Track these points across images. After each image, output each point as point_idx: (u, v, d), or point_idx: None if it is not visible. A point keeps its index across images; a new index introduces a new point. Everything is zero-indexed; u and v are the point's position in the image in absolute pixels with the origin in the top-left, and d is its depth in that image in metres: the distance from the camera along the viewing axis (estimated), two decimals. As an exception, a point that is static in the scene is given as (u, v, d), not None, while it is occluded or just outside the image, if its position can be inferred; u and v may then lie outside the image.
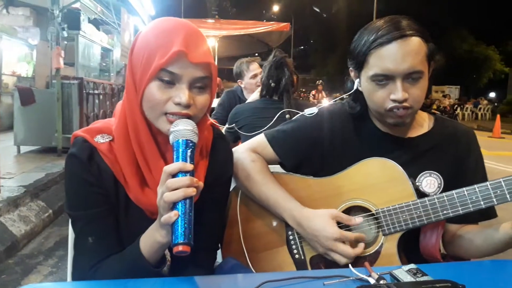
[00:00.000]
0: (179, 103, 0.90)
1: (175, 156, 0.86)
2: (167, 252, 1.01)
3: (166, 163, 0.97)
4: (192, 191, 0.82)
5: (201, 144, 1.04)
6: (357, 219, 1.13)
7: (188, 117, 0.92)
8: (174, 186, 0.81)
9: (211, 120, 1.09)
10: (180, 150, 0.86)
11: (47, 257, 3.12)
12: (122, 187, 0.98)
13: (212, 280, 0.97)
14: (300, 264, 1.20)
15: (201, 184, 0.85)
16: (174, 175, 0.83)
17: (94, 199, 0.97)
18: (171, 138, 0.89)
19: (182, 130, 0.88)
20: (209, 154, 1.08)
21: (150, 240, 0.92)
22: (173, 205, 0.82)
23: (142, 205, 0.97)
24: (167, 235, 0.86)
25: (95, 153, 0.97)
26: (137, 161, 0.96)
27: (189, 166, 0.84)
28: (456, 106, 21.36)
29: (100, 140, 0.98)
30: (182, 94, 0.90)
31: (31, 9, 7.44)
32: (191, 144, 0.88)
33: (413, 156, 1.21)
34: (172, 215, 0.81)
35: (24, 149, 5.94)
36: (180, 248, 0.79)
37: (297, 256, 1.20)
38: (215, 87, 0.99)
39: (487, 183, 1.03)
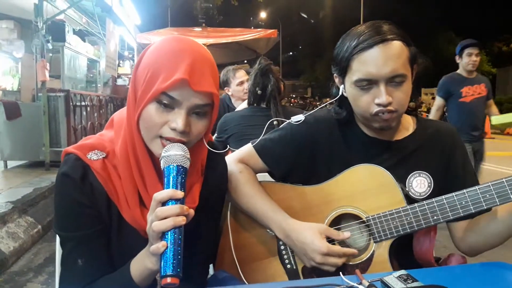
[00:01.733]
0: (175, 129, 0.89)
1: (165, 182, 0.84)
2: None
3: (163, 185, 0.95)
4: (181, 220, 0.80)
5: (197, 164, 1.02)
6: (346, 234, 1.13)
7: (182, 143, 0.90)
8: (164, 215, 0.80)
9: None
10: (171, 176, 0.84)
11: (37, 273, 3.06)
12: (115, 206, 0.95)
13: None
14: (292, 274, 1.19)
15: (191, 212, 0.83)
16: (164, 203, 0.82)
17: (85, 221, 0.93)
18: (162, 163, 0.86)
19: (173, 155, 0.86)
20: (205, 169, 1.06)
21: (141, 266, 0.89)
22: (162, 234, 0.80)
23: (137, 225, 0.95)
24: (157, 262, 0.83)
25: (88, 172, 0.94)
26: (134, 179, 0.93)
27: (179, 194, 0.82)
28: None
29: (93, 157, 0.95)
30: (179, 119, 0.88)
31: (14, 21, 7.36)
32: (182, 170, 0.85)
33: (401, 158, 1.21)
34: (160, 246, 0.79)
35: (11, 164, 5.85)
36: (169, 280, 0.77)
37: (288, 266, 1.19)
38: (216, 114, 0.97)
39: (476, 187, 1.03)
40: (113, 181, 0.94)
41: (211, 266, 1.26)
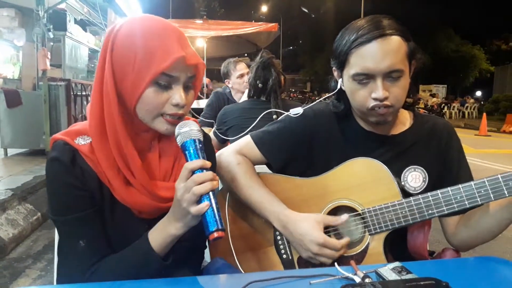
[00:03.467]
0: (177, 104, 0.94)
1: (188, 155, 0.91)
2: None
3: (146, 162, 1.00)
4: (216, 183, 0.90)
5: None
6: (343, 217, 1.14)
7: (182, 115, 0.96)
8: (201, 180, 0.87)
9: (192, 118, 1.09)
10: (191, 149, 0.91)
11: (35, 260, 3.09)
12: (107, 188, 0.97)
13: (200, 280, 0.97)
14: (287, 264, 1.20)
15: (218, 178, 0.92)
16: (193, 172, 0.89)
17: (80, 202, 0.95)
18: (179, 139, 0.93)
19: (189, 131, 0.93)
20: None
21: (163, 234, 0.94)
22: (199, 197, 0.88)
23: (129, 204, 0.97)
24: (183, 227, 0.92)
25: (77, 156, 0.96)
26: (117, 162, 0.96)
27: (208, 163, 0.90)
28: (443, 105, 21.58)
29: (81, 142, 0.97)
30: (179, 96, 0.94)
31: (16, 10, 7.32)
32: (199, 142, 0.93)
33: (397, 153, 1.22)
34: (204, 206, 0.86)
35: (11, 151, 5.86)
36: (216, 234, 0.85)
37: (284, 256, 1.21)
38: (200, 84, 1.02)
39: (472, 182, 1.04)
40: (101, 163, 0.96)
41: (207, 253, 1.28)
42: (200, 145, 0.93)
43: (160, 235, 0.94)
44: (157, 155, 1.03)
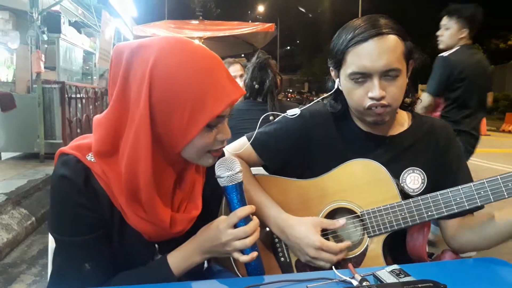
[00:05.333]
0: (224, 140, 0.93)
1: (232, 201, 0.95)
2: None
3: (161, 193, 0.92)
4: (259, 231, 0.95)
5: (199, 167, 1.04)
6: (341, 221, 1.13)
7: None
8: (252, 231, 0.93)
9: None
10: (237, 194, 0.95)
11: (30, 265, 3.06)
12: (117, 211, 0.91)
13: (197, 285, 0.96)
14: (285, 267, 1.19)
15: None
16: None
17: (90, 224, 0.89)
18: (224, 181, 0.94)
19: (235, 175, 0.94)
20: (206, 169, 1.06)
21: (187, 262, 0.95)
22: None
23: (140, 230, 0.92)
24: (209, 257, 0.96)
25: (90, 175, 0.88)
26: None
27: (254, 209, 0.96)
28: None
29: (93, 159, 0.89)
30: (225, 132, 0.92)
31: (10, 12, 7.27)
32: (239, 186, 0.96)
33: (395, 154, 1.21)
34: (255, 256, 0.93)
35: (5, 155, 5.82)
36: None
37: (282, 259, 1.20)
38: None
39: (471, 184, 1.04)
40: (113, 187, 0.89)
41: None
42: (242, 189, 0.96)
43: (184, 262, 0.94)
44: (177, 184, 0.97)
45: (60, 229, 0.90)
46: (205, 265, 1.24)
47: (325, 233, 1.14)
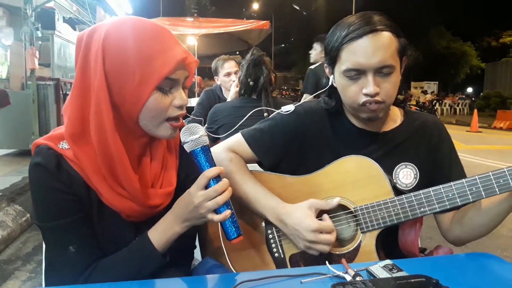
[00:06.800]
0: (181, 106, 0.94)
1: (200, 163, 0.95)
2: None
3: (139, 169, 0.98)
4: (231, 190, 0.94)
5: (170, 144, 1.06)
6: (334, 200, 1.13)
7: (184, 115, 0.97)
8: (222, 189, 0.92)
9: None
10: (203, 156, 0.95)
11: (25, 262, 3.05)
12: (94, 192, 0.94)
13: (190, 281, 0.96)
14: (279, 263, 1.20)
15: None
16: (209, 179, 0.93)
17: (68, 207, 0.92)
18: (188, 146, 0.94)
19: (199, 138, 0.94)
20: (179, 151, 1.08)
21: (167, 233, 0.96)
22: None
23: (117, 209, 0.95)
24: (188, 226, 0.96)
25: (62, 161, 0.92)
26: (100, 168, 0.92)
27: (224, 170, 0.95)
28: (435, 101, 21.75)
29: (65, 146, 0.93)
30: (180, 96, 0.93)
31: (3, 8, 7.22)
32: (207, 148, 0.96)
33: (388, 150, 1.22)
34: (228, 214, 0.92)
35: (-1, 152, 5.81)
36: (236, 241, 0.94)
37: (276, 254, 1.20)
38: (190, 82, 1.00)
39: (463, 180, 1.05)
40: (85, 169, 0.92)
41: (198, 253, 1.27)
42: (209, 151, 0.95)
43: (164, 234, 0.96)
44: (148, 160, 1.01)
45: (40, 216, 0.94)
46: (199, 259, 1.25)
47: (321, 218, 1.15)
